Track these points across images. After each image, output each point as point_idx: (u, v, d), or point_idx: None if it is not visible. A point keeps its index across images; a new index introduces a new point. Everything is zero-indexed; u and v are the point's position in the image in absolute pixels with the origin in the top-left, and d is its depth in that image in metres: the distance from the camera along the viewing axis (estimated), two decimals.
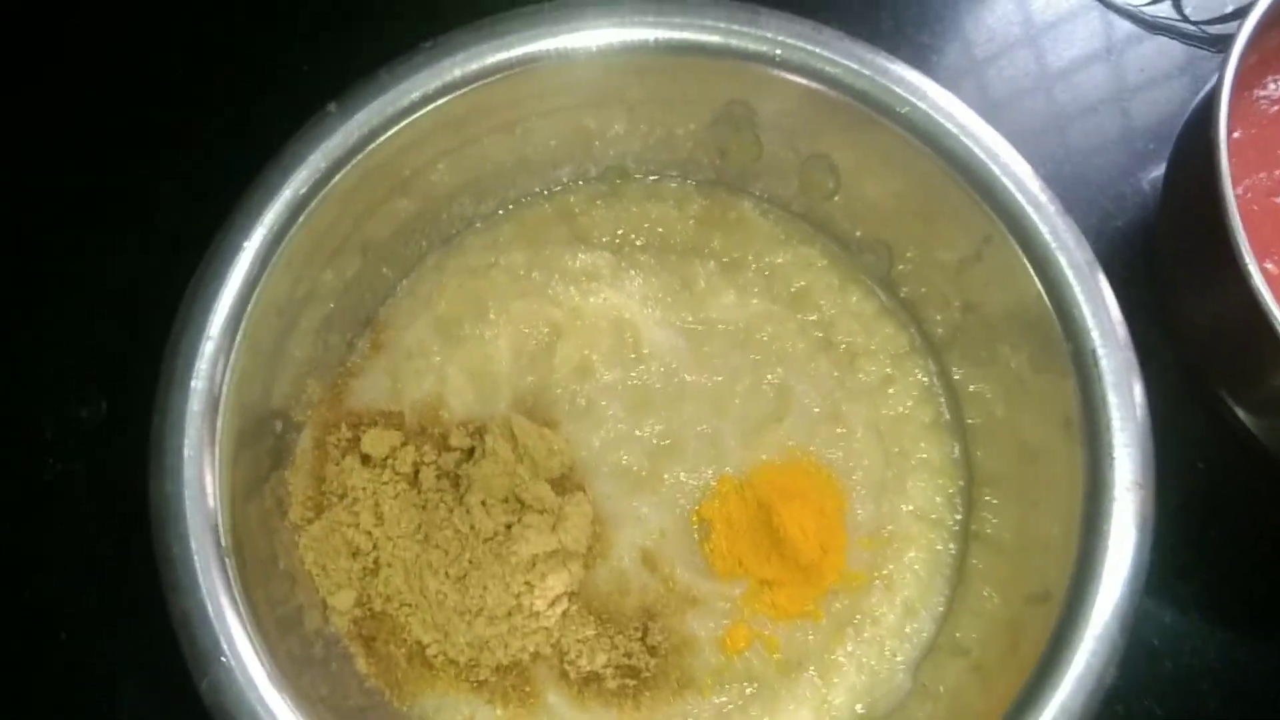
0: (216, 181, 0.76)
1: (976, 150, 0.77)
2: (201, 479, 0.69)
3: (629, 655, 0.77)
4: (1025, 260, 0.75)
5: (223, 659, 0.66)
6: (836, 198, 0.87)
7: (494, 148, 0.85)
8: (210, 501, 0.69)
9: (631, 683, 0.77)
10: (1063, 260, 0.75)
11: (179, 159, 0.98)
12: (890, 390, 0.86)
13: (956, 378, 0.86)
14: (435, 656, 0.76)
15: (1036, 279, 0.75)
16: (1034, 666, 0.69)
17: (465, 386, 0.84)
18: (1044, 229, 0.76)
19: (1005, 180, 0.76)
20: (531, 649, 0.76)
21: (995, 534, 0.82)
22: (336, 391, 0.83)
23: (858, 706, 0.79)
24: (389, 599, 0.77)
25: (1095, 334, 0.74)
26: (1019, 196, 0.75)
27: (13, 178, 0.98)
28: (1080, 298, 0.74)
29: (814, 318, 0.87)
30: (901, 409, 0.86)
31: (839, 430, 0.84)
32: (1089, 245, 0.76)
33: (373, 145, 0.76)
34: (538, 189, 0.90)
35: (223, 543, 0.69)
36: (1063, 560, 0.71)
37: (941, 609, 0.82)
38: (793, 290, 0.88)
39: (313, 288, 0.80)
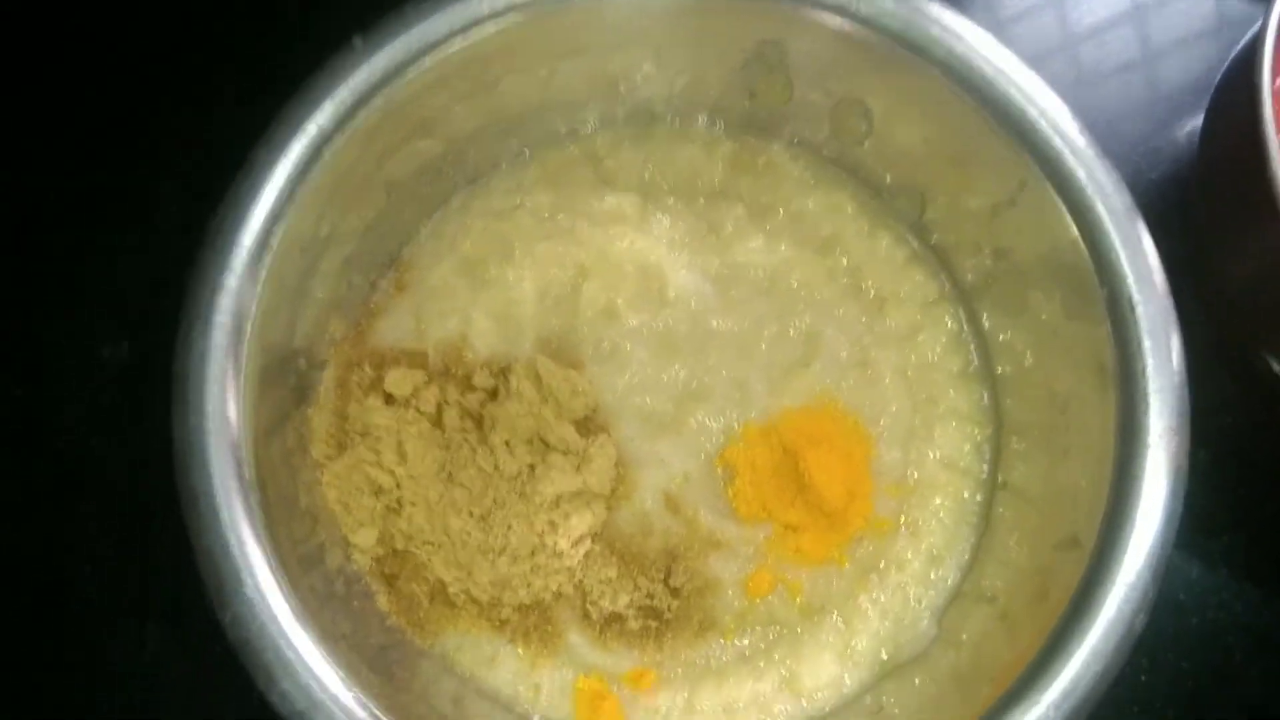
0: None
1: (1014, 93, 0.74)
2: (225, 412, 0.69)
3: (651, 596, 0.77)
4: (1061, 205, 0.73)
5: (246, 592, 0.66)
6: (868, 142, 0.85)
7: (520, 88, 0.83)
8: (234, 435, 0.68)
9: (653, 624, 0.77)
10: (1100, 205, 0.73)
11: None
12: (919, 337, 0.85)
13: (986, 325, 0.85)
14: (457, 595, 0.76)
15: (1073, 224, 0.73)
16: (1062, 612, 0.68)
17: (489, 328, 0.83)
18: (1081, 173, 0.73)
19: (1043, 124, 0.74)
20: (554, 589, 0.76)
21: (1023, 482, 0.81)
22: (360, 330, 0.83)
23: (881, 652, 0.78)
24: (411, 537, 0.77)
25: (1132, 281, 0.72)
26: (1056, 140, 0.73)
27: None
28: (1117, 244, 0.72)
29: (843, 263, 0.86)
30: (930, 356, 0.84)
31: (867, 376, 0.83)
32: (1128, 191, 0.74)
33: (398, 81, 0.75)
34: (563, 131, 0.88)
35: (246, 476, 0.68)
36: (1093, 507, 0.70)
37: (967, 557, 0.81)
38: (822, 235, 0.86)
39: (336, 226, 0.79)
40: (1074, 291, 0.74)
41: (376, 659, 0.72)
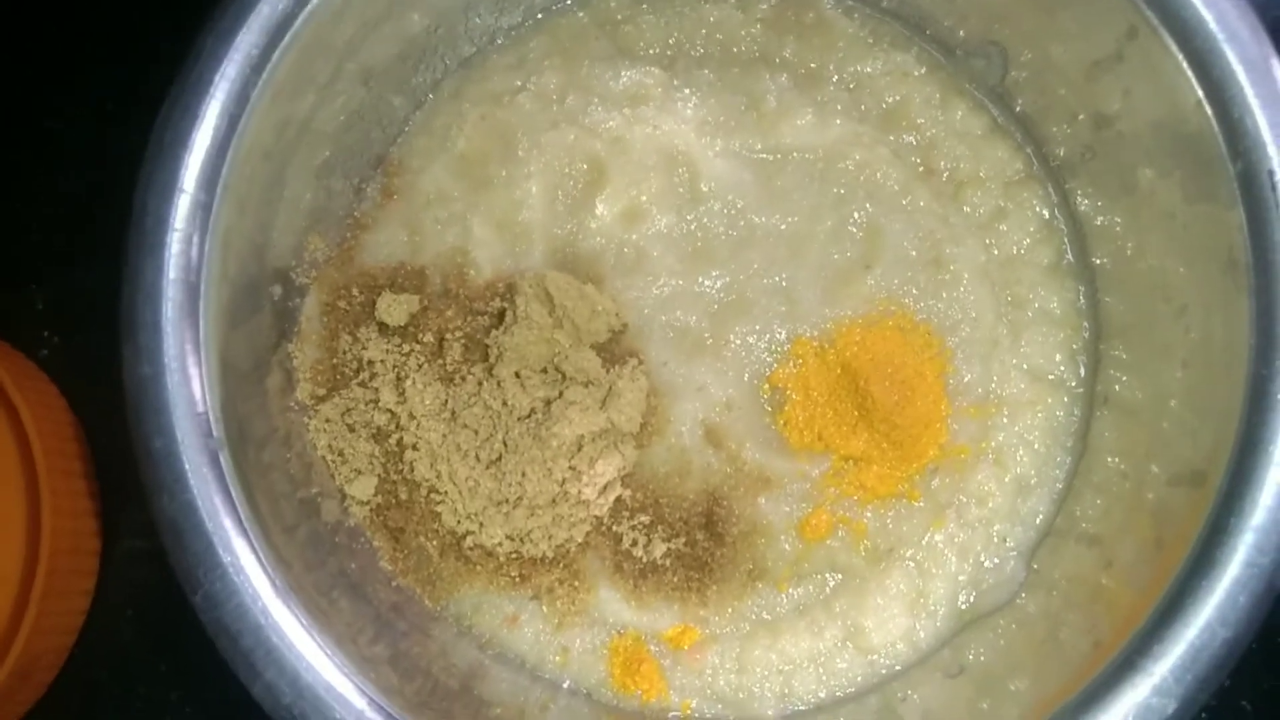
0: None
1: None
2: (183, 359, 0.59)
3: (691, 544, 0.68)
4: (1181, 58, 0.62)
5: (219, 568, 0.57)
6: None
7: None
8: (195, 385, 0.59)
9: (695, 575, 0.68)
10: (1231, 56, 0.61)
11: None
12: (1002, 226, 0.73)
13: (1082, 209, 0.73)
14: (471, 549, 0.67)
15: (1196, 82, 0.62)
16: (1181, 563, 0.57)
17: (493, 238, 0.72)
18: (1208, 16, 0.61)
19: None
20: (580, 539, 0.67)
21: (1129, 398, 0.69)
22: (345, 248, 0.72)
23: (960, 599, 0.69)
24: (415, 486, 0.67)
25: (1273, 151, 0.59)
26: None
27: None
28: (1254, 104, 0.61)
29: (910, 140, 0.73)
30: (1015, 249, 0.72)
31: (940, 277, 0.71)
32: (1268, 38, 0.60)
33: None
34: None
35: (214, 433, 0.59)
36: (1219, 434, 0.60)
37: (1060, 486, 0.70)
38: (884, 106, 0.73)
39: (307, 125, 0.68)
40: (1197, 167, 0.63)
41: (380, 631, 0.63)
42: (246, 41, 0.62)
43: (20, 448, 0.75)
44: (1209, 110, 0.61)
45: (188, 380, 0.59)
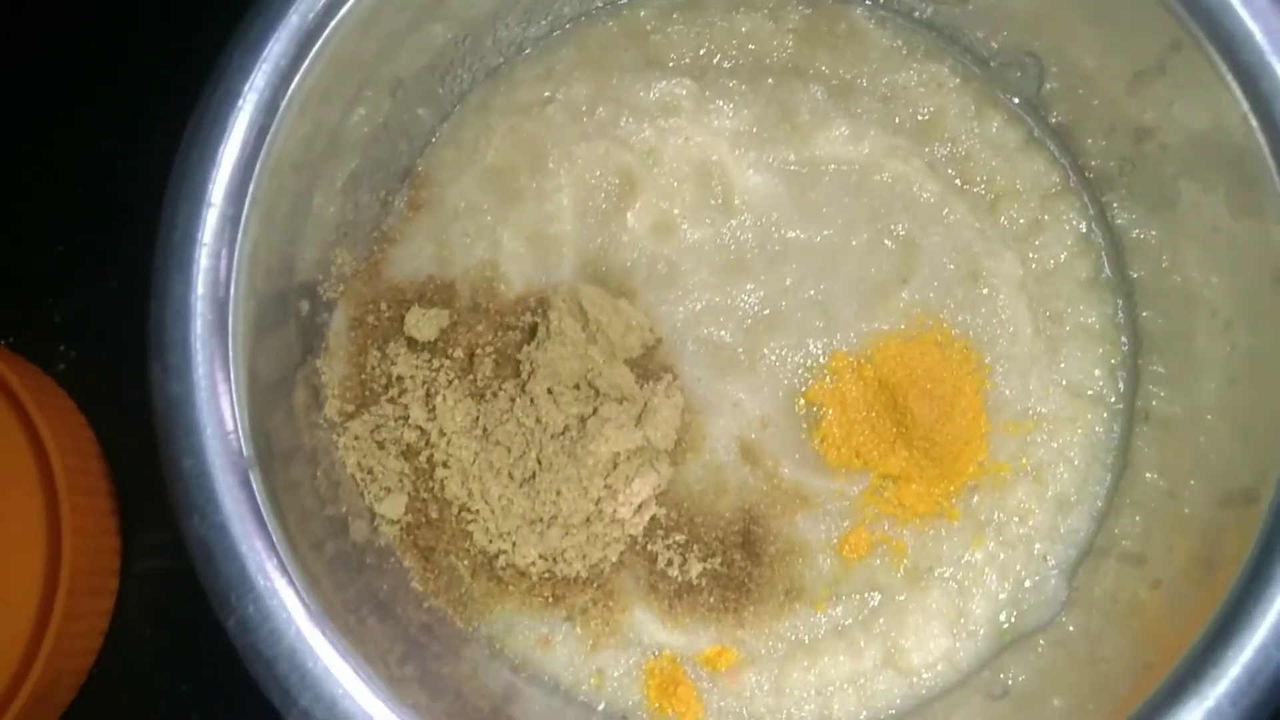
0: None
1: None
2: (213, 377, 0.58)
3: (728, 564, 0.66)
4: (1227, 72, 0.60)
5: (253, 592, 0.56)
6: (973, 2, 0.70)
7: None
8: (225, 404, 0.58)
9: (732, 595, 0.66)
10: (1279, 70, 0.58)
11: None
12: (1039, 239, 0.71)
13: (1120, 222, 0.71)
14: (504, 569, 0.65)
15: (1242, 96, 0.60)
16: (1234, 584, 0.56)
17: (523, 252, 0.70)
18: (1256, 29, 0.59)
19: None
20: (614, 559, 0.65)
21: (1168, 412, 0.68)
22: (373, 261, 0.71)
23: (1001, 619, 0.67)
24: (446, 504, 0.66)
25: None
26: None
27: None
28: None
29: (945, 152, 0.72)
30: (1053, 262, 0.71)
31: (978, 291, 0.70)
32: None
33: None
34: (600, 2, 0.75)
35: (244, 452, 0.58)
36: (1271, 450, 0.58)
37: (1101, 504, 0.69)
38: (919, 118, 0.72)
39: (334, 137, 0.67)
40: (1242, 181, 0.62)
41: (410, 651, 0.62)
42: (275, 52, 0.61)
43: (40, 466, 0.74)
44: (1255, 124, 0.59)
45: (217, 399, 0.58)
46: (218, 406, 0.58)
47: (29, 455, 0.75)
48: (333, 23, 0.61)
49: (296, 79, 0.61)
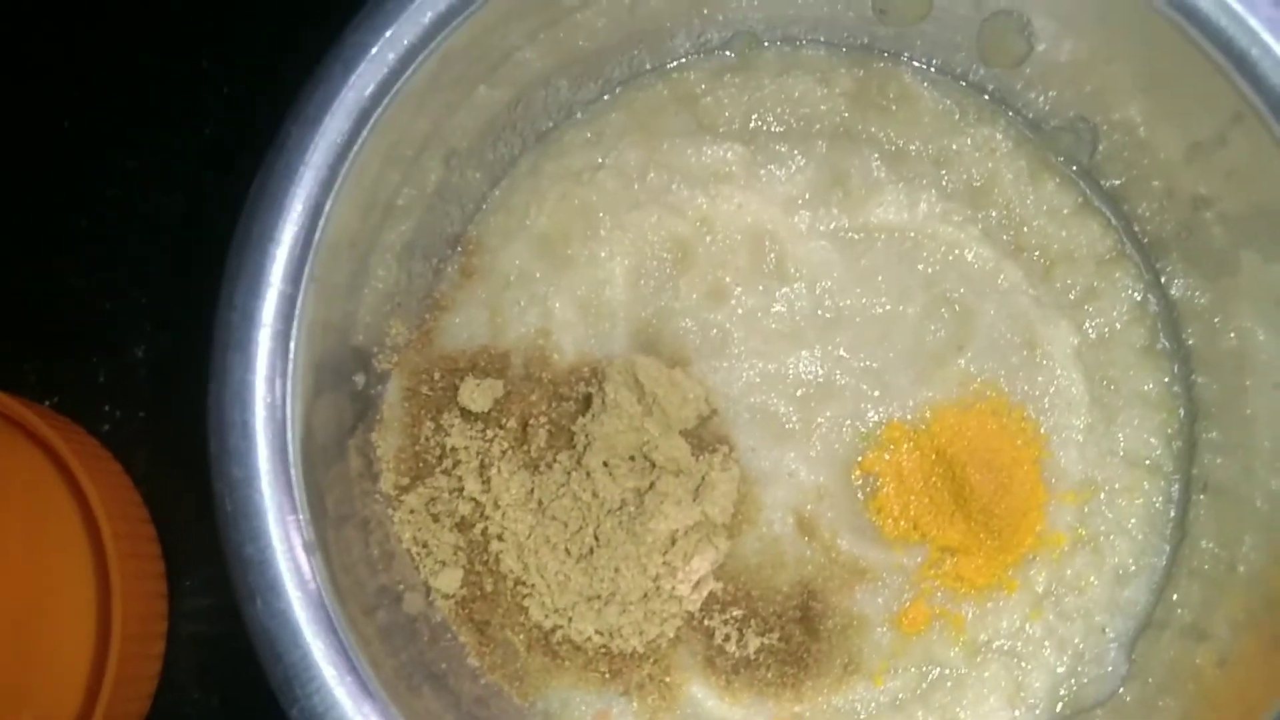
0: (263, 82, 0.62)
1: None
2: (274, 460, 0.58)
3: (786, 639, 0.66)
4: None
5: (314, 681, 0.55)
6: (1027, 64, 0.69)
7: (594, 17, 0.69)
8: (287, 488, 0.58)
9: (790, 670, 0.66)
10: None
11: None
12: (1093, 306, 0.71)
13: (1175, 288, 0.71)
14: (559, 644, 0.65)
15: None
16: None
17: (576, 320, 0.70)
18: None
19: (1270, 43, 0.58)
20: (671, 634, 0.65)
21: (1228, 483, 0.67)
22: (425, 331, 0.70)
23: (1061, 692, 0.67)
24: (501, 577, 0.66)
25: None
26: None
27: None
28: None
29: (998, 217, 0.71)
30: (1107, 330, 0.71)
31: (1034, 359, 0.69)
32: None
33: (452, 24, 0.61)
34: (649, 66, 0.74)
35: (306, 536, 0.57)
36: None
37: (1159, 575, 0.68)
38: (972, 183, 0.72)
39: (389, 208, 0.66)
40: None
41: None
42: (333, 128, 0.60)
43: (89, 531, 0.74)
44: None
45: (278, 483, 0.58)
46: (279, 491, 0.57)
47: (78, 520, 0.75)
48: (390, 94, 0.61)
49: (353, 153, 0.61)
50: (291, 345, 0.59)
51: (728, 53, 0.74)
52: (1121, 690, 0.66)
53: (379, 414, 0.68)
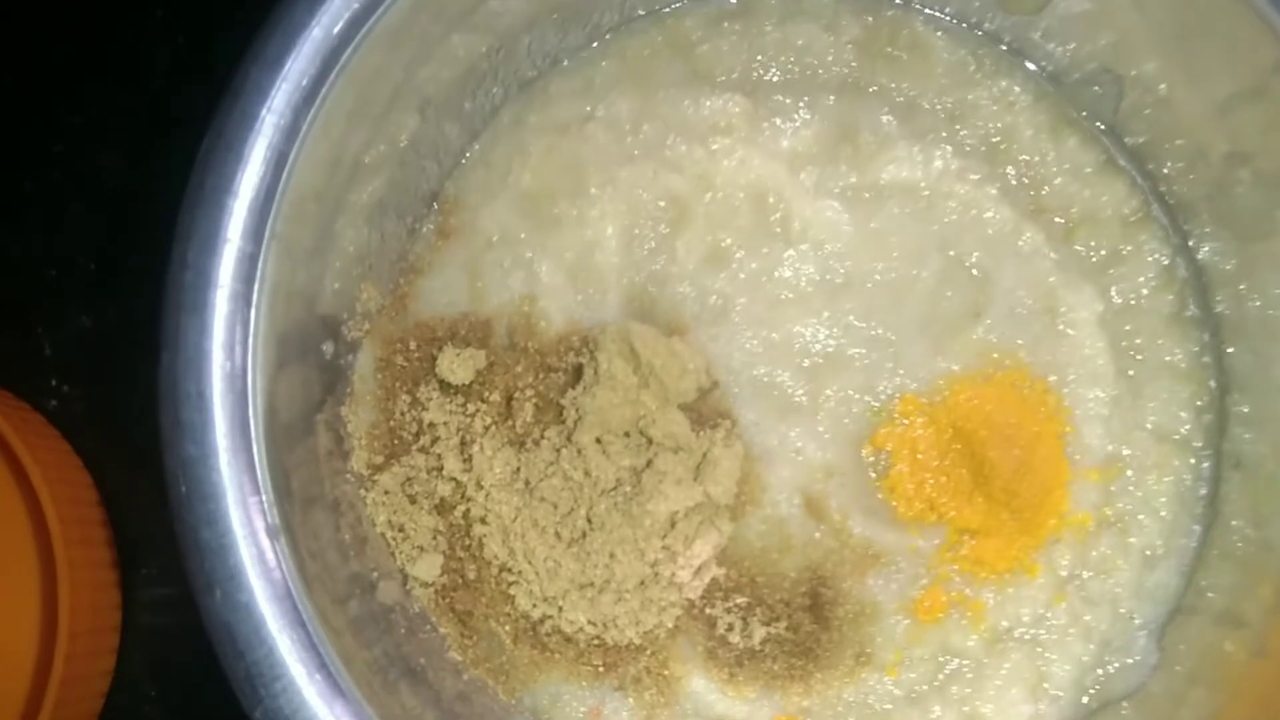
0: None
1: None
2: (233, 436, 0.53)
3: (794, 628, 0.62)
4: None
5: (279, 680, 0.50)
6: (1047, 12, 0.65)
7: None
8: (248, 466, 0.52)
9: (798, 661, 0.62)
10: None
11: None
12: (1118, 270, 0.66)
13: (1204, 252, 0.66)
14: (549, 636, 0.60)
15: None
16: None
17: (564, 285, 0.65)
18: None
19: None
20: (670, 624, 0.60)
21: (1256, 455, 0.63)
22: (400, 296, 0.65)
23: (1087, 683, 0.63)
24: (485, 564, 0.61)
25: None
26: None
27: None
28: None
29: (1017, 175, 0.67)
30: (1133, 296, 0.66)
31: (1056, 327, 0.65)
32: None
33: None
34: (642, 11, 0.69)
35: (269, 519, 0.52)
36: None
37: (1190, 557, 0.64)
38: (990, 138, 0.67)
39: (358, 161, 0.61)
40: None
41: None
42: (296, 70, 0.55)
43: (33, 516, 0.68)
44: None
45: (238, 461, 0.52)
46: (239, 470, 0.52)
47: (20, 504, 0.69)
48: (359, 34, 0.55)
49: (319, 99, 0.55)
50: (252, 309, 0.54)
51: None
52: (1155, 681, 0.62)
53: (349, 386, 0.63)
